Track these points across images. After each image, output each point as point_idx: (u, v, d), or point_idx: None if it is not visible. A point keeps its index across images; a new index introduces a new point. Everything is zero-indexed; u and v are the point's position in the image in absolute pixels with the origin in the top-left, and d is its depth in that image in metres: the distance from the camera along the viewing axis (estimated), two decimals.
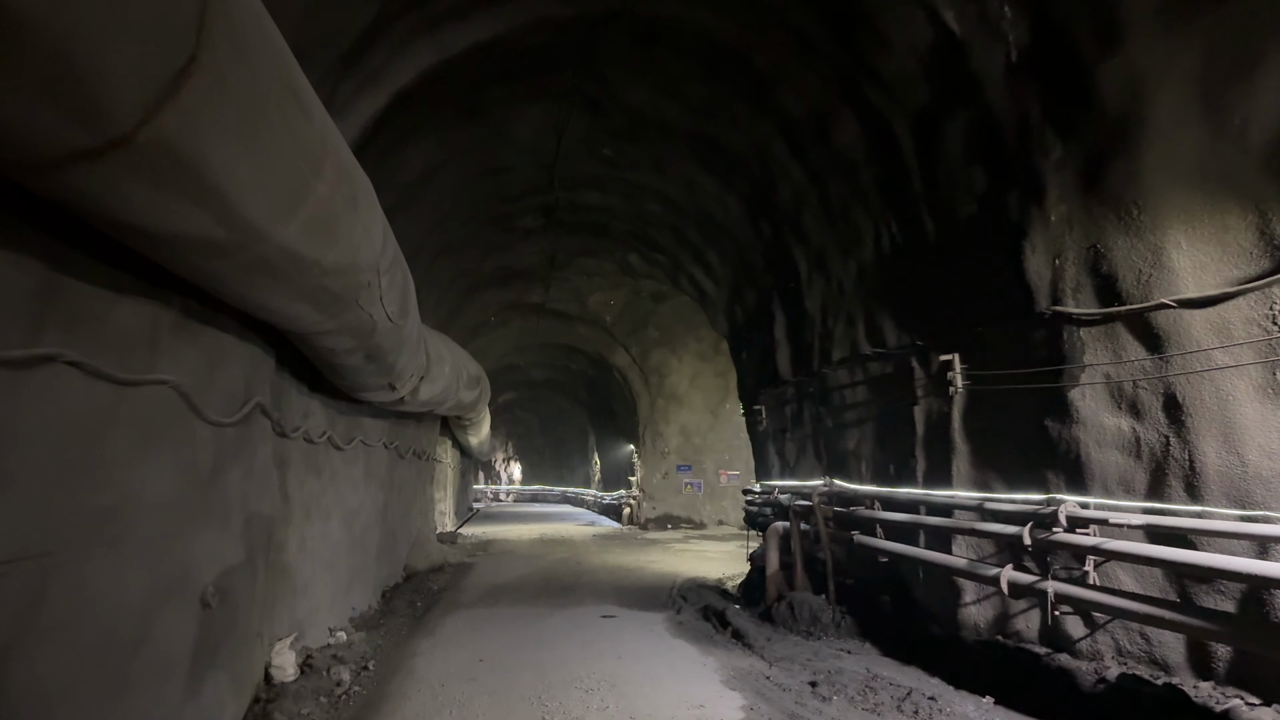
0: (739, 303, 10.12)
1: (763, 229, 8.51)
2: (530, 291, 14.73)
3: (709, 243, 9.81)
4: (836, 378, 7.60)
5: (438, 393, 7.86)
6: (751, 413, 10.10)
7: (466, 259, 11.02)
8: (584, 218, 10.77)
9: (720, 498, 19.88)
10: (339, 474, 7.52)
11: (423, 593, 10.14)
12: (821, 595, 7.39)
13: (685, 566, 12.43)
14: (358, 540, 8.16)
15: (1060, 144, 4.61)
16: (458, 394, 9.06)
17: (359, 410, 7.83)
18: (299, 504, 6.24)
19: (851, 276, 7.16)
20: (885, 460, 6.85)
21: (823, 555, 7.88)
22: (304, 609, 6.41)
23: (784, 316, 8.73)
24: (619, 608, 8.82)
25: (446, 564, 12.60)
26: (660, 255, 11.43)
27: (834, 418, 7.74)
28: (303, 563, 6.40)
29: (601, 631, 7.56)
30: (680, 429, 19.74)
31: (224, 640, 4.23)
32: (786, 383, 8.82)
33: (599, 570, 12.06)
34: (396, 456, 10.06)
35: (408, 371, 6.34)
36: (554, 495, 39.39)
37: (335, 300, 3.76)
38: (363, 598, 8.39)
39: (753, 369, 10.10)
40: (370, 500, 8.65)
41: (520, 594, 9.89)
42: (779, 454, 9.20)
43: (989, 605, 5.55)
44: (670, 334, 18.25)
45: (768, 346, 9.24)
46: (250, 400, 4.40)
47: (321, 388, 6.57)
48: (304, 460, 6.37)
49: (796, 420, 8.66)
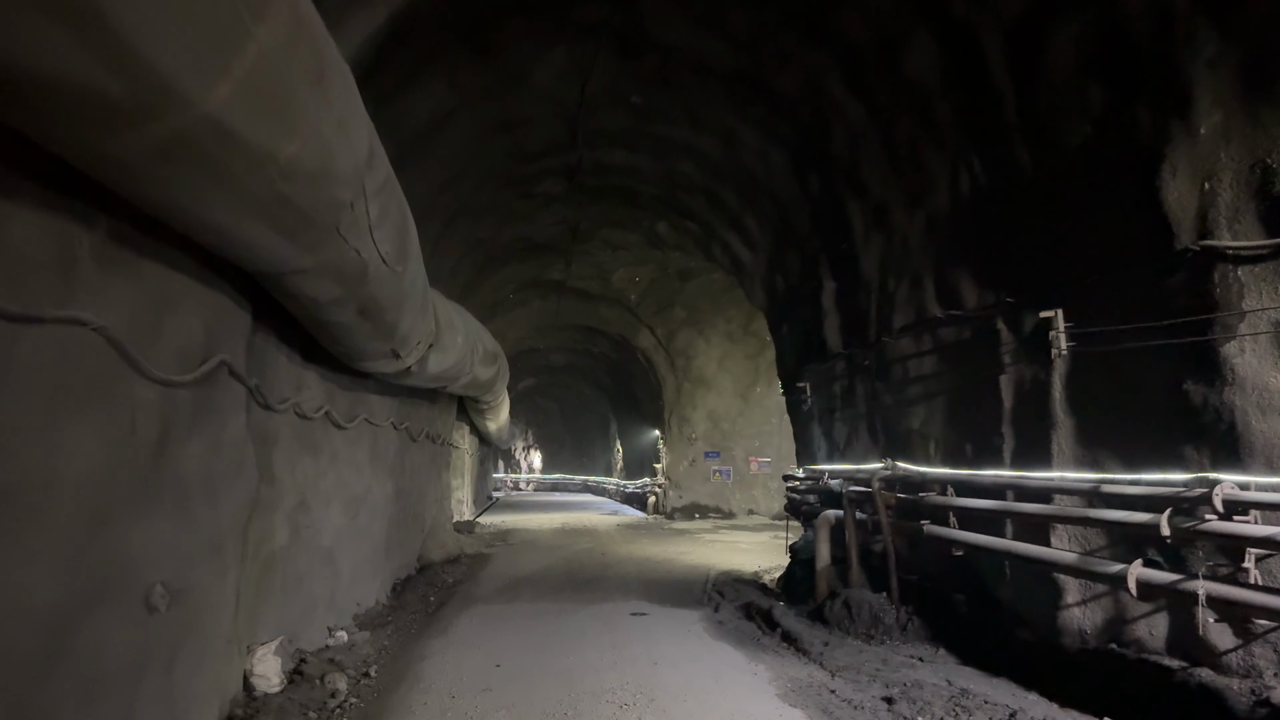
0: (779, 271, 9.22)
1: (810, 184, 7.60)
2: (551, 267, 13.91)
3: (747, 205, 8.91)
4: (898, 348, 6.70)
5: (450, 365, 7.06)
6: (793, 391, 9.21)
7: (482, 227, 10.20)
8: (609, 181, 9.90)
9: (750, 486, 18.98)
10: (340, 456, 6.75)
11: (437, 586, 9.41)
12: (882, 593, 6.52)
13: (717, 558, 11.61)
14: (363, 529, 7.41)
15: (1216, 37, 3.67)
16: (472, 369, 8.26)
17: (363, 385, 7.06)
18: (290, 487, 5.47)
19: (919, 231, 6.25)
20: (959, 439, 5.96)
21: (880, 548, 7.01)
22: (297, 607, 5.66)
23: (833, 283, 7.83)
24: (650, 604, 8.01)
25: (463, 554, 11.87)
26: (691, 223, 10.54)
27: (894, 393, 6.84)
28: (296, 554, 5.64)
29: (633, 632, 6.75)
30: (708, 414, 18.81)
31: (181, 650, 3.46)
32: (836, 356, 7.93)
33: (625, 562, 11.27)
34: (408, 439, 9.30)
35: (413, 336, 5.54)
36: (575, 484, 38.75)
37: (306, 222, 2.94)
38: (369, 592, 7.65)
39: (795, 344, 9.21)
40: (377, 485, 7.89)
41: (542, 588, 9.11)
42: (826, 436, 8.32)
43: (1099, 608, 4.66)
44: (697, 314, 17.32)
45: (813, 318, 8.35)
46: (214, 358, 3.61)
47: (317, 357, 5.80)
48: (297, 438, 5.61)
49: (847, 398, 7.77)
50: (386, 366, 5.86)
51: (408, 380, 6.74)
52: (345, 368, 6.16)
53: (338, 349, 5.13)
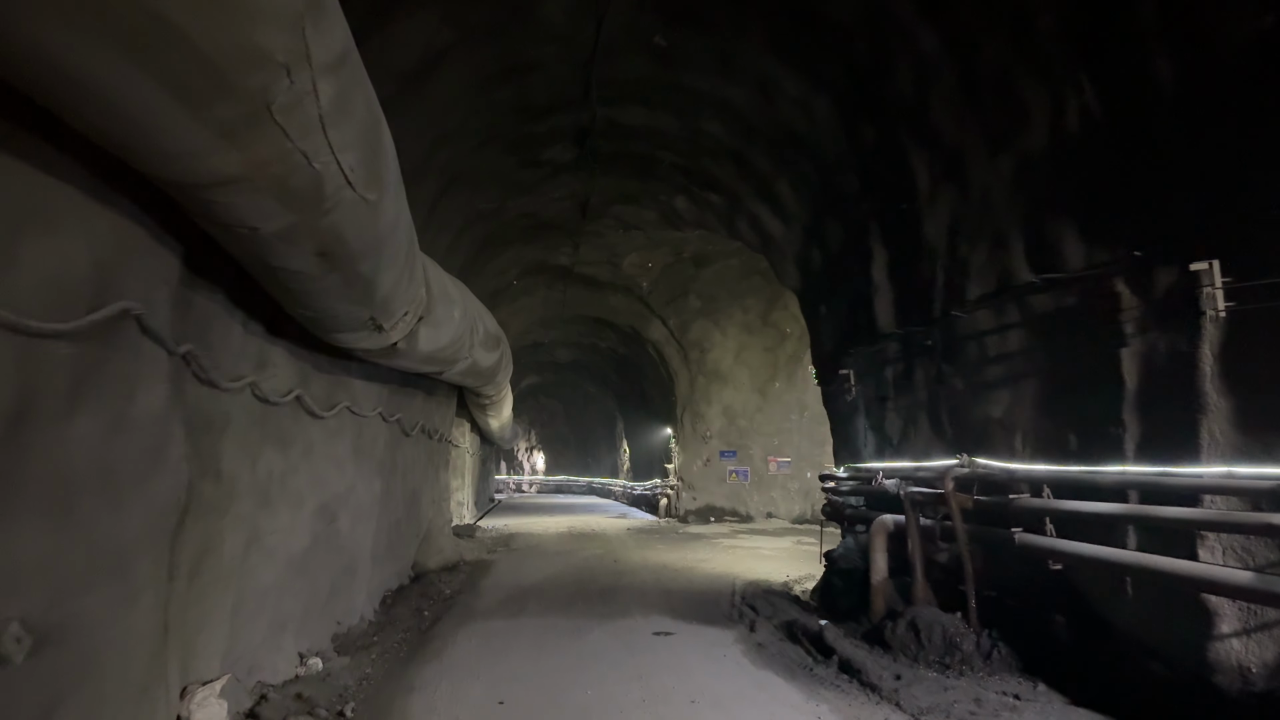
0: (817, 244, 8.20)
1: (862, 136, 6.58)
2: (558, 250, 12.90)
3: (783, 168, 7.89)
4: (973, 322, 5.69)
5: (445, 344, 6.06)
6: (833, 380, 8.19)
7: (483, 196, 9.19)
8: (625, 147, 8.90)
9: (769, 487, 17.87)
10: (317, 449, 5.76)
11: (432, 598, 8.41)
12: (956, 613, 5.50)
13: (740, 566, 10.60)
14: (345, 534, 6.41)
15: None
16: (472, 352, 7.26)
17: (344, 368, 6.07)
18: (248, 486, 4.48)
19: (1004, 180, 5.23)
20: (1058, 430, 4.94)
21: (944, 558, 6.00)
22: (257, 631, 4.66)
23: (886, 252, 6.81)
24: (674, 621, 7.01)
25: (462, 562, 10.87)
26: (715, 195, 9.52)
27: (966, 377, 5.83)
28: (256, 567, 4.65)
29: (659, 657, 5.75)
30: (724, 410, 17.72)
31: (60, 709, 2.46)
32: (888, 337, 6.91)
33: (640, 570, 10.25)
34: (399, 433, 8.30)
35: (398, 301, 4.54)
36: (579, 486, 37.77)
37: (216, 81, 1.94)
38: (353, 607, 6.65)
39: (835, 326, 8.19)
40: (363, 485, 6.89)
41: (550, 600, 8.11)
42: (875, 429, 7.30)
43: (1271, 640, 3.64)
44: (713, 303, 16.25)
45: (860, 294, 7.33)
46: (112, 305, 2.60)
47: (286, 329, 4.82)
48: (257, 426, 4.61)
49: (903, 384, 6.75)
50: (368, 341, 4.86)
51: (396, 361, 5.73)
52: (321, 344, 5.16)
53: (304, 314, 4.13)
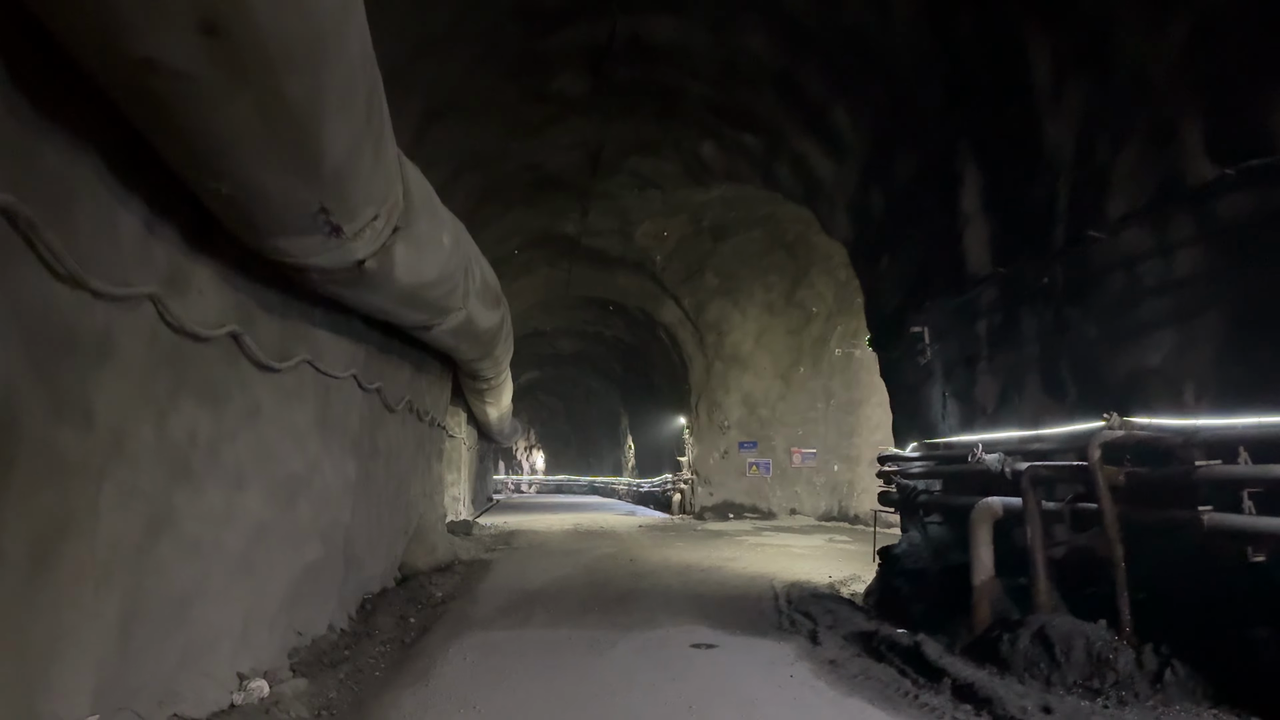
0: (879, 182, 6.91)
1: (956, 29, 5.29)
2: (564, 216, 11.60)
3: (841, 89, 6.59)
4: (1116, 247, 4.39)
5: (432, 279, 4.77)
6: (898, 344, 6.89)
7: (480, 134, 7.89)
8: (647, 75, 7.60)
9: (792, 481, 16.40)
10: (266, 413, 4.46)
11: (421, 603, 7.11)
12: (1100, 621, 4.20)
13: (775, 566, 9.30)
14: (306, 524, 5.11)
15: None
16: (467, 303, 5.96)
17: (304, 311, 4.77)
18: (149, 448, 3.18)
19: (1173, 50, 3.95)
20: (1255, 378, 3.66)
21: (1061, 553, 4.71)
22: (169, 649, 3.37)
23: (981, 175, 5.51)
24: (713, 630, 5.72)
25: (457, 561, 9.55)
26: (750, 135, 8.22)
27: (1103, 319, 4.54)
28: (168, 561, 3.36)
29: (705, 678, 4.46)
30: (743, 398, 16.32)
31: None
32: (981, 282, 5.61)
33: (661, 571, 8.94)
34: (381, 407, 6.99)
35: (359, 188, 3.25)
36: (580, 486, 36.48)
37: None
38: (319, 614, 5.34)
39: (901, 279, 6.88)
40: (332, 465, 5.58)
41: (560, 606, 6.80)
42: (959, 396, 6.00)
43: None
44: (733, 281, 14.87)
45: (940, 234, 6.05)
46: None
47: (218, 245, 3.57)
48: (165, 365, 3.32)
49: (1003, 338, 5.46)
50: (324, 253, 3.56)
51: (368, 296, 4.43)
52: (267, 268, 3.88)
53: (217, 190, 2.82)
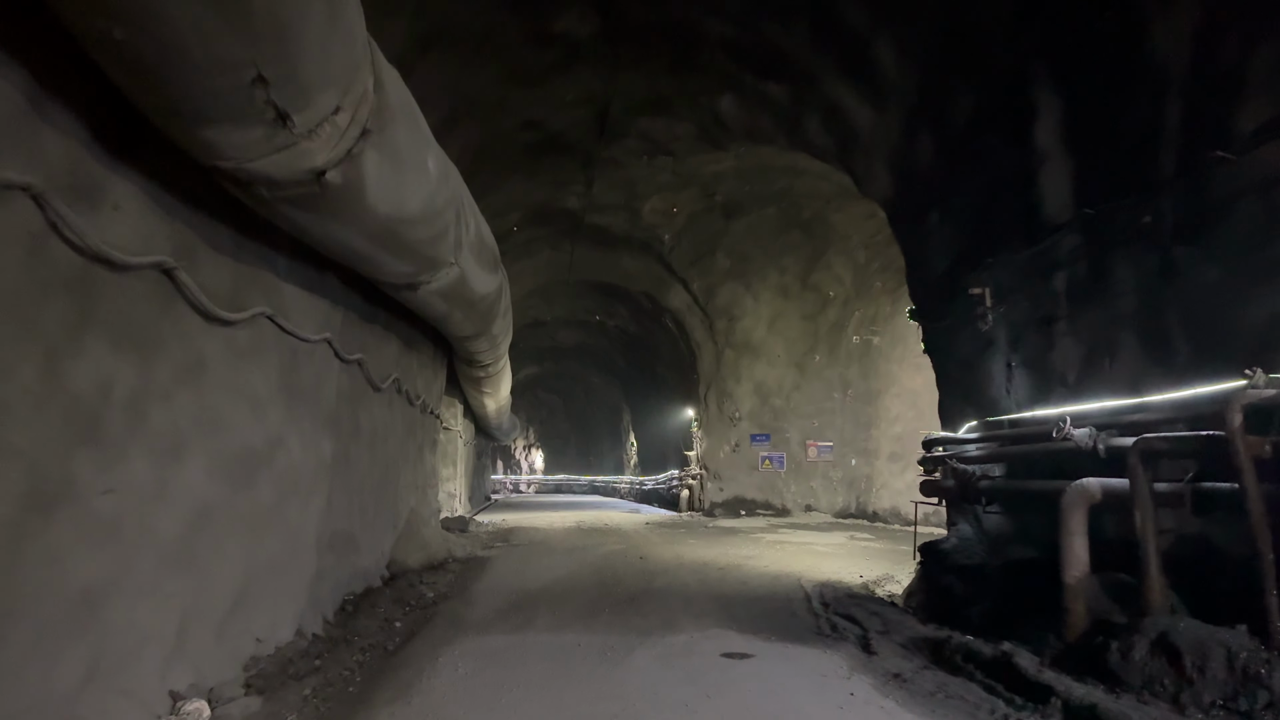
0: (928, 125, 6.10)
1: None
2: (568, 186, 10.79)
3: (886, 17, 5.78)
4: (1249, 169, 3.59)
5: (415, 210, 3.96)
6: (950, 311, 6.08)
7: (475, 80, 7.07)
8: (662, 13, 6.81)
9: (808, 476, 15.50)
10: (213, 371, 3.66)
11: (409, 604, 6.31)
12: (1238, 626, 3.40)
13: (799, 565, 8.50)
14: (268, 510, 4.30)
15: None
16: (459, 257, 5.16)
17: (263, 256, 3.97)
18: (32, 394, 2.38)
19: None
20: None
21: (1168, 539, 3.91)
22: (69, 662, 2.56)
23: (1061, 102, 4.71)
24: (743, 636, 4.93)
25: (451, 559, 8.74)
26: (775, 84, 7.42)
27: (1231, 259, 3.75)
28: (66, 546, 2.57)
29: (746, 696, 3.66)
30: (755, 388, 15.46)
31: None
32: (1060, 229, 4.81)
33: (676, 569, 8.12)
34: (364, 384, 6.18)
35: (307, 56, 2.46)
36: (580, 485, 35.64)
37: None
38: (285, 616, 4.53)
39: (955, 235, 6.07)
40: (300, 441, 4.77)
41: (565, 607, 6.00)
42: (1030, 365, 5.19)
43: None
44: (745, 263, 14.00)
45: (1007, 176, 5.25)
46: None
47: (142, 147, 2.79)
48: (61, 292, 2.52)
49: (1088, 292, 4.65)
50: (270, 153, 2.76)
51: (333, 221, 3.62)
52: (212, 191, 3.09)
53: (111, 26, 2.02)
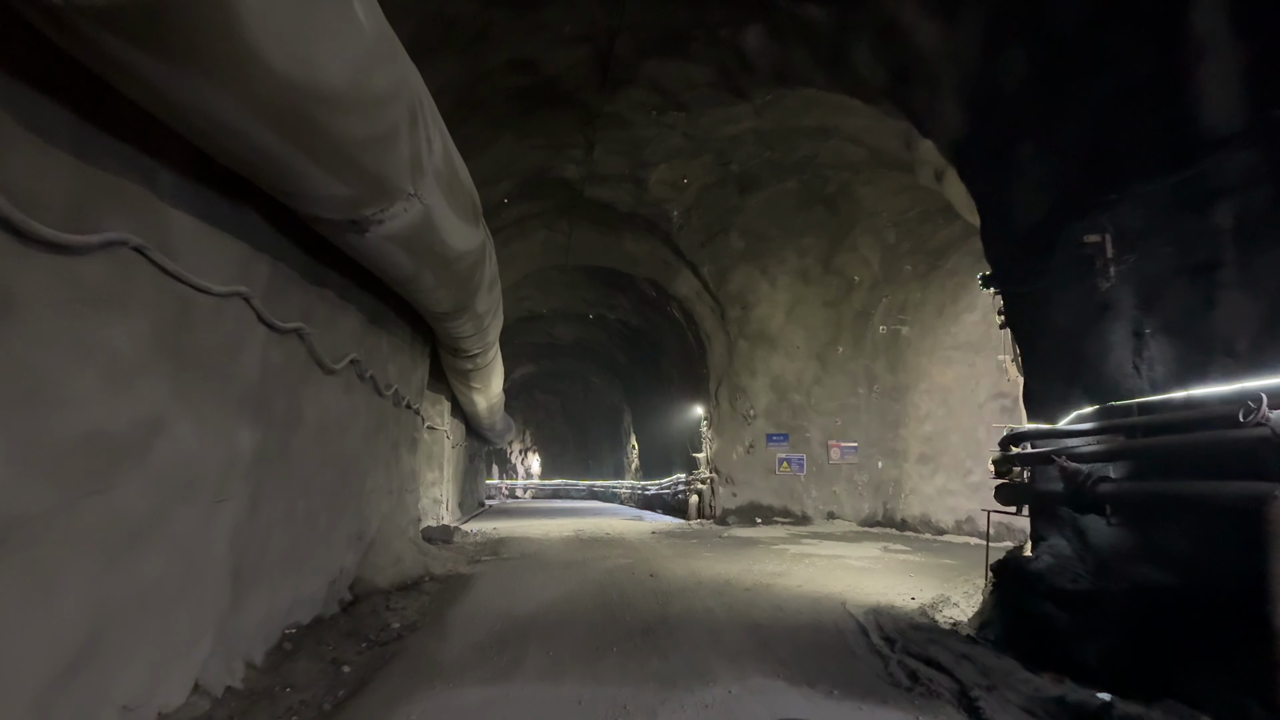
0: (1019, 36, 4.86)
1: None
2: (565, 150, 9.54)
3: None
4: None
5: (334, 75, 2.69)
6: (1048, 266, 4.81)
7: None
8: None
9: (830, 480, 14.12)
10: (30, 314, 2.37)
11: (366, 638, 5.05)
12: None
13: (837, 584, 7.23)
14: (140, 520, 3.01)
15: None
16: (420, 187, 3.89)
17: (123, 152, 2.70)
18: None
19: None
20: None
21: None
22: None
23: None
24: (796, 689, 3.67)
25: (428, 576, 7.44)
26: (815, 6, 6.18)
27: None
28: None
29: None
30: (771, 382, 14.13)
31: None
32: (1224, 143, 3.58)
33: (695, 590, 6.83)
34: (308, 359, 4.90)
35: None
36: (579, 490, 34.32)
37: None
38: (173, 669, 3.25)
39: (1054, 171, 4.81)
40: (194, 427, 3.47)
41: (562, 643, 4.72)
42: (1177, 329, 3.94)
43: None
44: (761, 243, 12.68)
45: (1136, 88, 4.03)
46: None
47: None
48: None
49: (1269, 228, 3.40)
50: None
51: (186, 63, 2.33)
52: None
53: None
